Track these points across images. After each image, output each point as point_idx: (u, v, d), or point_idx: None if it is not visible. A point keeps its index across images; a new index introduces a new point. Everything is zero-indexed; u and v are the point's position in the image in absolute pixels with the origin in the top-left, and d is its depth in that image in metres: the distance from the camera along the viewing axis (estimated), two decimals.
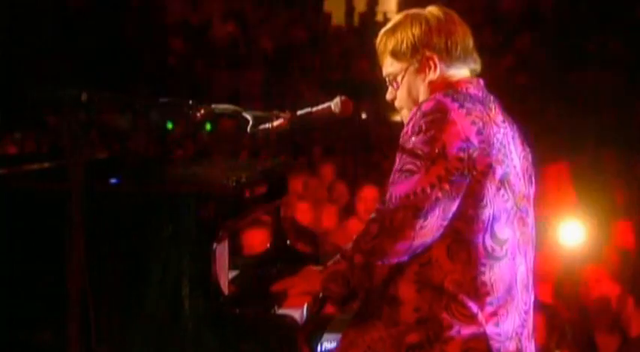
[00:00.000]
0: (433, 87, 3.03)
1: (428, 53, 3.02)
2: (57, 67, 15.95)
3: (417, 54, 3.04)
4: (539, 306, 5.22)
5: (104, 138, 13.96)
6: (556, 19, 17.73)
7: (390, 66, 3.12)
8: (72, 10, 17.81)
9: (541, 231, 6.93)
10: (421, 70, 3.05)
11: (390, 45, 3.09)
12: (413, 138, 2.85)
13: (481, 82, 3.07)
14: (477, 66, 3.10)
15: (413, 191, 2.81)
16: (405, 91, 3.09)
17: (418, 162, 2.82)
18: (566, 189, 8.59)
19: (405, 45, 3.05)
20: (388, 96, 3.15)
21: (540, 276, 6.41)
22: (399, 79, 3.10)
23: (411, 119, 2.90)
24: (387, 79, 3.15)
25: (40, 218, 3.28)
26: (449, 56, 3.02)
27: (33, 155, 8.80)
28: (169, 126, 15.81)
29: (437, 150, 2.81)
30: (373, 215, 2.93)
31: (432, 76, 3.03)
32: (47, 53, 16.72)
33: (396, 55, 3.08)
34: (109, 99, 3.04)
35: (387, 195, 2.89)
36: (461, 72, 3.05)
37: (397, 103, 3.14)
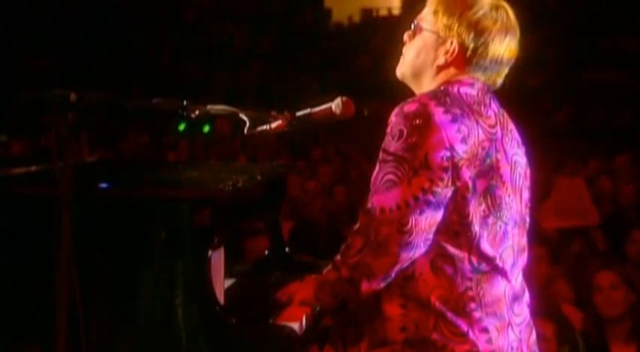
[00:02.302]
0: (437, 72, 2.98)
1: (455, 42, 2.95)
2: (46, 66, 15.97)
3: (447, 32, 2.95)
4: (550, 315, 5.21)
5: (95, 140, 13.96)
6: (567, 15, 17.74)
7: (426, 14, 3.04)
8: (63, 7, 17.83)
9: (553, 238, 6.93)
10: (439, 46, 2.97)
11: (442, 4, 3.00)
12: (393, 143, 2.80)
13: (482, 83, 2.98)
14: (497, 78, 3.01)
15: (396, 204, 2.77)
16: (415, 49, 3.03)
17: (399, 172, 2.78)
18: (580, 197, 8.58)
19: (446, 16, 2.96)
20: (405, 36, 3.08)
21: (551, 284, 6.43)
22: (422, 31, 3.02)
23: (392, 120, 2.85)
24: (415, 21, 3.07)
25: (26, 224, 3.28)
26: (470, 60, 2.95)
27: (19, 158, 8.80)
28: (181, 127, 15.77)
29: (419, 160, 2.76)
30: (357, 226, 2.90)
31: (442, 60, 2.97)
32: (36, 52, 16.74)
33: (436, 13, 2.99)
34: (100, 100, 3.04)
35: (369, 204, 2.85)
36: (472, 75, 2.97)
37: (404, 49, 3.08)
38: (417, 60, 3.03)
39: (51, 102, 2.87)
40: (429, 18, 3.02)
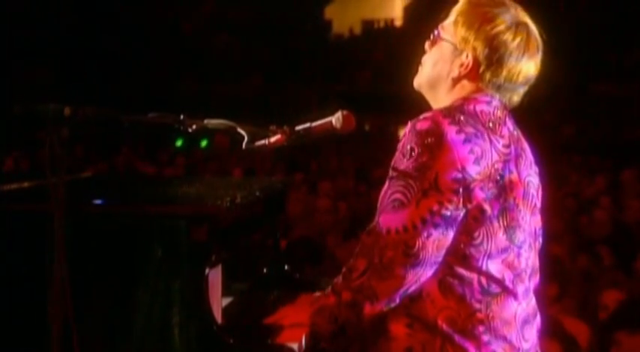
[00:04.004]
0: (452, 85, 2.96)
1: (470, 55, 2.93)
2: (42, 80, 16.01)
3: (464, 44, 2.93)
4: (555, 334, 5.21)
5: (89, 155, 13.98)
6: (573, 27, 17.75)
7: (447, 23, 3.01)
8: (59, 20, 17.91)
9: (559, 259, 6.93)
10: (455, 58, 2.95)
11: (463, 15, 2.97)
12: (403, 161, 2.78)
13: (500, 100, 2.96)
14: (513, 96, 2.98)
15: (403, 226, 2.75)
16: (433, 59, 3.01)
17: (408, 192, 2.75)
18: None
19: (464, 28, 2.94)
20: (426, 45, 3.06)
21: (557, 302, 6.43)
22: (441, 40, 3.00)
23: (404, 136, 2.82)
24: (436, 29, 3.04)
25: (19, 241, 3.28)
26: (484, 74, 2.92)
27: (12, 173, 8.79)
28: (178, 143, 15.75)
29: (429, 181, 2.74)
30: (359, 248, 2.86)
31: (456, 73, 2.94)
32: (32, 65, 16.79)
33: (456, 24, 2.96)
34: (94, 114, 3.04)
35: (375, 224, 2.82)
36: (486, 91, 2.94)
37: (423, 59, 3.07)
38: (434, 70, 3.01)
39: (45, 116, 2.87)
40: (449, 28, 3.00)
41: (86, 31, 18.73)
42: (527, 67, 2.95)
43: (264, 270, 4.16)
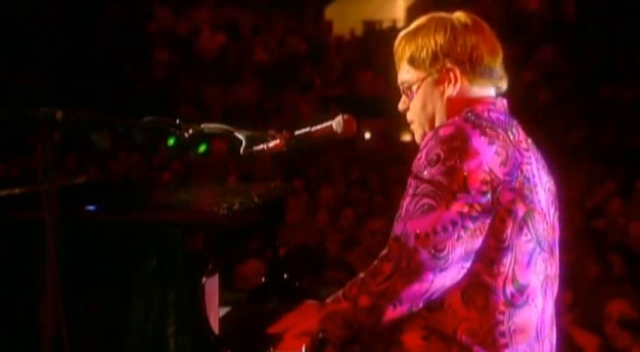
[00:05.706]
0: (451, 104, 3.00)
1: (449, 64, 2.99)
2: (32, 83, 16.01)
3: (437, 64, 3.00)
4: (566, 347, 5.22)
5: (82, 160, 13.97)
6: (582, 28, 17.75)
7: (406, 73, 3.08)
8: (47, 20, 17.90)
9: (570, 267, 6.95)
10: (440, 82, 3.01)
11: (409, 50, 3.05)
12: (429, 168, 2.81)
13: (504, 102, 3.04)
14: (502, 83, 3.06)
15: (433, 229, 2.77)
16: (420, 104, 3.06)
17: (437, 196, 2.78)
18: None
19: (425, 52, 3.01)
20: (401, 106, 3.12)
21: (570, 312, 6.43)
22: (414, 88, 3.06)
23: (425, 145, 2.86)
24: (401, 87, 3.12)
25: (9, 250, 3.28)
26: (472, 70, 2.99)
27: (2, 180, 8.80)
28: (170, 142, 15.71)
29: (458, 183, 2.78)
30: (385, 252, 2.87)
31: (452, 91, 3.00)
32: (21, 67, 16.77)
33: (413, 62, 3.04)
34: (87, 118, 3.05)
35: (400, 230, 2.83)
36: (484, 90, 3.02)
37: (409, 116, 3.11)
38: (426, 111, 3.07)
39: (36, 120, 2.88)
40: (410, 72, 3.07)
41: (76, 33, 18.74)
42: (492, 43, 3.04)
43: (263, 279, 4.16)
